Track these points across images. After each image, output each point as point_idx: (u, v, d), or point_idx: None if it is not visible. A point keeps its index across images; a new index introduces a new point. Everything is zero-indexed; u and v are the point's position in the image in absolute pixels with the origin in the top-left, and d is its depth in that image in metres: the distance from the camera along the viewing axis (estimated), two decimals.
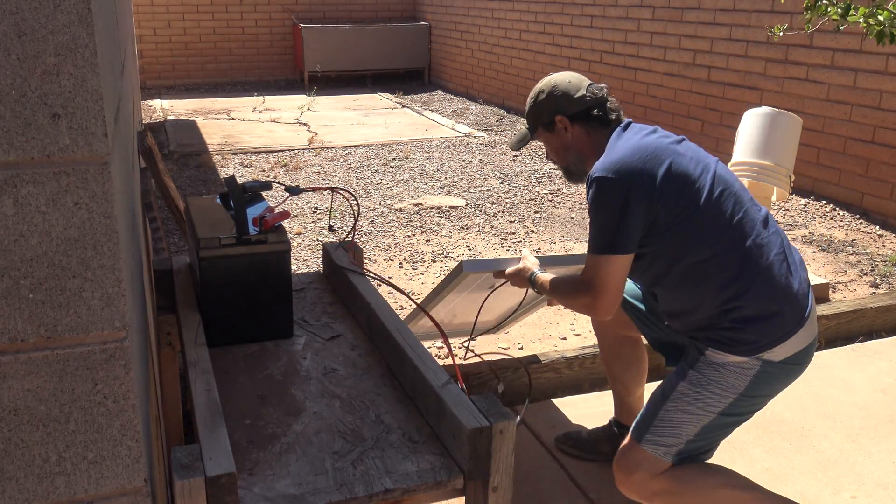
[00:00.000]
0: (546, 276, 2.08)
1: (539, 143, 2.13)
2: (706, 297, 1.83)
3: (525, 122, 2.12)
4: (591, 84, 2.01)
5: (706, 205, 1.81)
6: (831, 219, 4.85)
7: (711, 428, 1.84)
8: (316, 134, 7.39)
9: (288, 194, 1.92)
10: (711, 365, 1.81)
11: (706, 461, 1.90)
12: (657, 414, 1.85)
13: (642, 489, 1.87)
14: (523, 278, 2.16)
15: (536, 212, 5.04)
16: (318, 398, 1.53)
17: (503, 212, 5.01)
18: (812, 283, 3.68)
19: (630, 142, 1.86)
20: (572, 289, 1.94)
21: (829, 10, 2.43)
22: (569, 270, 2.27)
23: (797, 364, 1.85)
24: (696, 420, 1.83)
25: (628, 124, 1.96)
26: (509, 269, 2.20)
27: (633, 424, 1.91)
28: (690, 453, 1.86)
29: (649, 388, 2.40)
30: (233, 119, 8.23)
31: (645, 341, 2.30)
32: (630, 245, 1.81)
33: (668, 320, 1.99)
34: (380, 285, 2.75)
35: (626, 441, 1.92)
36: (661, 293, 1.94)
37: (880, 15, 2.34)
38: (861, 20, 2.37)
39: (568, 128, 2.00)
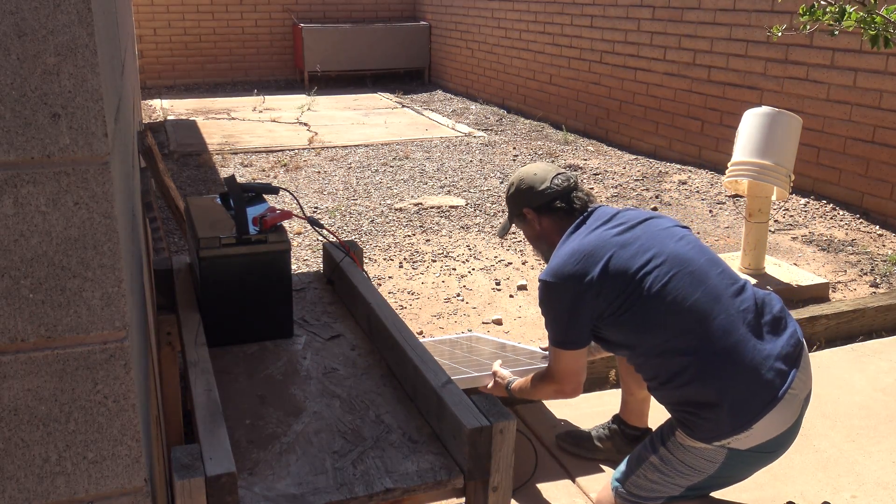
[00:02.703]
0: (517, 382, 2.23)
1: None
2: (666, 379, 1.85)
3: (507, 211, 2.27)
4: (557, 175, 2.11)
5: (651, 293, 1.83)
6: (831, 218, 4.85)
7: (681, 497, 1.89)
8: (316, 134, 7.39)
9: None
10: (680, 447, 1.85)
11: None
12: (633, 472, 1.93)
13: None
14: (501, 390, 2.29)
15: None
16: (318, 398, 1.53)
17: (503, 211, 5.01)
18: (812, 282, 3.68)
19: (572, 244, 1.96)
20: (539, 384, 2.11)
21: (824, 16, 2.43)
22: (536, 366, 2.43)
23: (770, 452, 1.82)
24: (665, 490, 1.88)
25: (591, 212, 2.06)
26: (489, 387, 2.33)
27: (616, 471, 2.00)
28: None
29: None
30: (233, 119, 8.23)
31: None
32: (581, 340, 1.97)
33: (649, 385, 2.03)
34: (380, 284, 2.75)
35: (608, 482, 2.03)
36: (633, 365, 2.01)
37: (874, 20, 2.34)
38: (854, 24, 2.37)
39: (534, 219, 2.12)
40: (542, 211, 2.10)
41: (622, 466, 1.98)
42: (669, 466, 1.86)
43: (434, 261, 4.14)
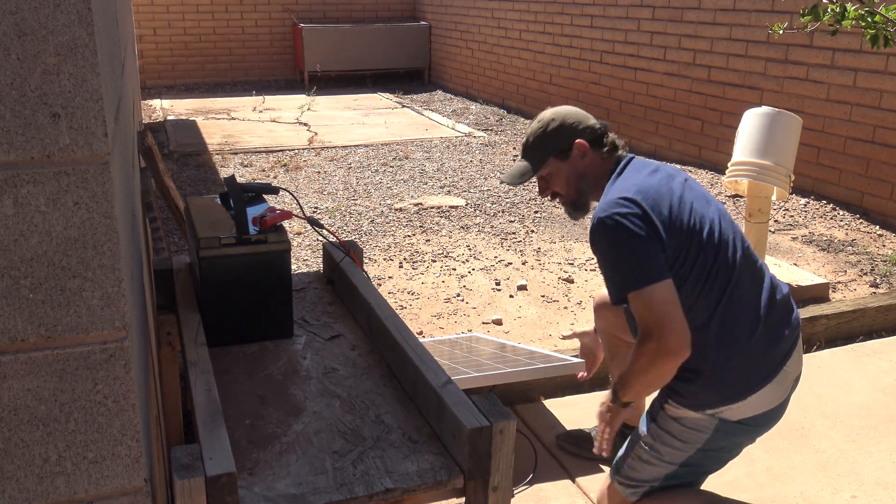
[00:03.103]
0: (613, 385, 1.90)
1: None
2: None
3: (522, 155, 2.06)
4: (597, 119, 2.04)
5: (700, 250, 1.79)
6: (831, 218, 4.85)
7: (675, 476, 1.87)
8: (316, 134, 7.39)
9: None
10: (669, 420, 1.84)
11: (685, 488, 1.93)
12: (628, 456, 1.92)
13: None
14: (615, 410, 1.92)
15: (536, 211, 5.04)
16: (318, 398, 1.53)
17: (503, 211, 5.01)
18: (812, 282, 3.68)
19: (635, 181, 1.84)
20: (638, 356, 1.75)
21: (825, 15, 2.44)
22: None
23: (758, 426, 1.82)
24: (659, 469, 1.87)
25: (630, 160, 1.96)
26: (605, 420, 1.95)
27: (614, 460, 1.97)
28: (658, 490, 1.91)
29: None
30: (233, 119, 8.23)
31: None
32: (664, 270, 1.72)
33: None
34: (380, 284, 2.75)
35: (608, 476, 2.00)
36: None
37: (874, 19, 2.35)
38: (854, 23, 2.38)
39: (587, 153, 1.97)
40: (595, 145, 1.97)
41: (619, 454, 1.97)
42: (660, 441, 1.84)
43: (434, 261, 4.14)
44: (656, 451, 1.86)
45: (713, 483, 2.37)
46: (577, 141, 1.97)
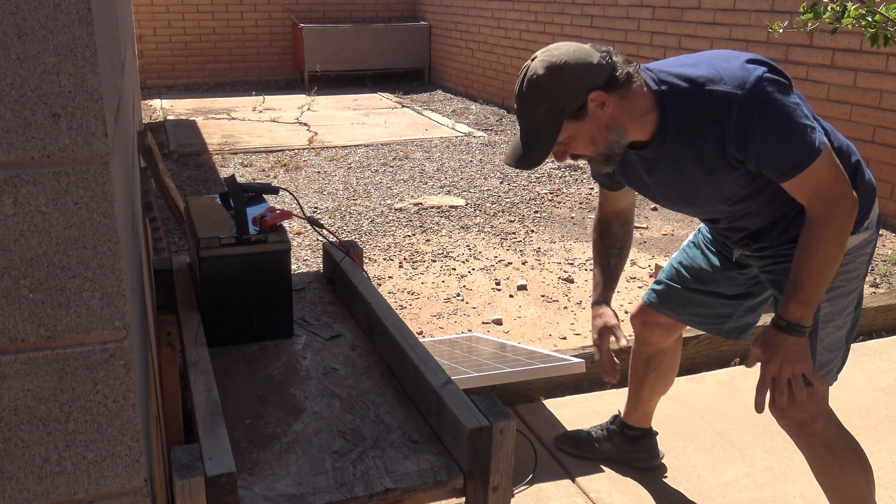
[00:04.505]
0: (787, 306, 1.65)
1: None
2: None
3: (523, 126, 1.67)
4: (592, 45, 1.65)
5: None
6: None
7: (852, 326, 1.83)
8: (316, 134, 7.39)
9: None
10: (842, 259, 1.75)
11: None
12: (815, 347, 1.77)
13: (822, 438, 1.85)
14: (786, 344, 1.66)
15: (536, 211, 5.04)
16: (318, 398, 1.53)
17: (503, 211, 5.01)
18: None
19: (723, 55, 1.65)
20: (832, 220, 1.59)
21: (825, 13, 2.44)
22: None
23: (876, 235, 1.83)
24: (848, 321, 1.81)
25: (648, 67, 1.69)
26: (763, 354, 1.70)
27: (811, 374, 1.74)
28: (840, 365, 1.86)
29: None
30: (233, 119, 8.23)
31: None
32: (821, 130, 1.60)
33: (766, 242, 1.82)
34: (380, 284, 2.75)
35: (787, 394, 1.72)
36: (762, 207, 1.75)
37: (874, 17, 2.35)
38: (853, 22, 2.38)
39: (606, 102, 1.61)
40: (611, 87, 1.60)
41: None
42: (834, 293, 1.75)
43: (434, 261, 4.14)
44: (835, 304, 1.77)
45: (712, 483, 2.37)
46: (591, 95, 1.60)
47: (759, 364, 1.73)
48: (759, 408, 1.71)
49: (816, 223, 1.61)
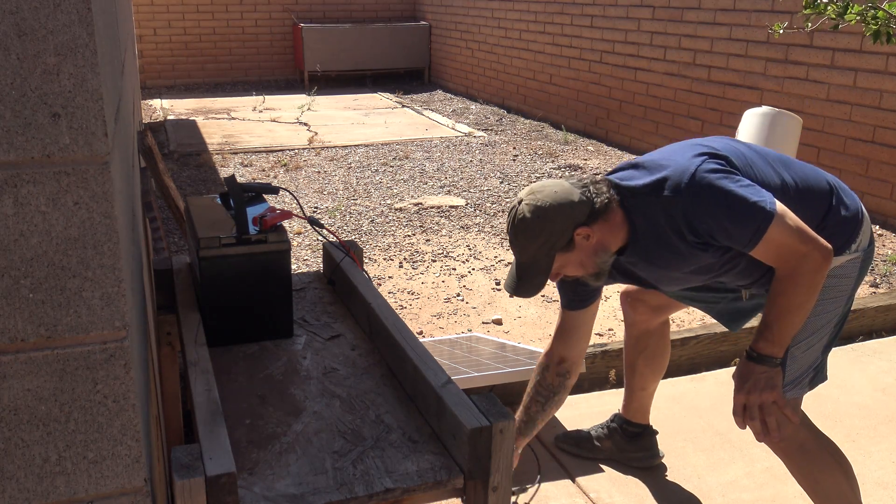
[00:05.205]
0: (761, 331, 1.76)
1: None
2: (822, 210, 1.84)
3: (519, 260, 1.84)
4: (572, 181, 1.83)
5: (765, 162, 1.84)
6: None
7: (831, 339, 1.89)
8: (316, 133, 7.39)
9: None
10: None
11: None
12: (785, 361, 1.82)
13: (793, 442, 1.89)
14: (757, 373, 1.76)
15: None
16: (318, 398, 1.53)
17: (503, 211, 5.01)
18: None
19: (672, 150, 1.84)
20: (795, 277, 1.69)
21: (827, 8, 2.44)
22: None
23: (869, 255, 1.89)
24: (823, 338, 1.86)
25: (618, 183, 1.84)
26: (738, 396, 1.79)
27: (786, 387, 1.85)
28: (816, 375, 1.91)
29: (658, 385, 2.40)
30: (233, 119, 8.23)
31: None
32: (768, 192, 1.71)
33: (751, 282, 1.92)
34: (380, 284, 2.75)
35: (758, 421, 1.82)
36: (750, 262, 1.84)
37: (876, 14, 2.35)
38: (857, 18, 2.38)
39: (591, 234, 1.79)
40: (593, 219, 1.78)
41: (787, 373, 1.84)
42: (819, 304, 1.81)
43: (434, 261, 4.14)
44: (817, 320, 1.83)
45: (712, 483, 2.37)
46: (577, 231, 1.78)
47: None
48: (740, 426, 1.83)
49: (785, 279, 1.71)
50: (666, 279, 1.95)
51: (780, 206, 1.69)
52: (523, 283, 1.83)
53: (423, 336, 3.28)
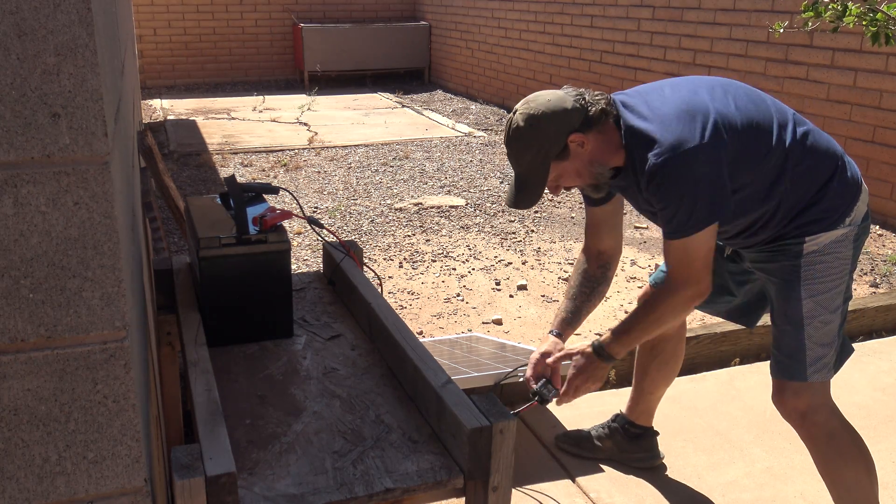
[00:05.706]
0: (607, 337, 1.90)
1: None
2: (816, 181, 1.84)
3: (517, 171, 1.86)
4: (566, 90, 1.84)
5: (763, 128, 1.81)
6: None
7: (843, 318, 1.89)
8: (316, 133, 7.39)
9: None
10: (816, 258, 1.83)
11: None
12: (803, 343, 1.84)
13: (823, 428, 1.88)
14: (590, 363, 1.95)
15: (536, 211, 5.04)
16: (318, 398, 1.53)
17: (503, 211, 5.01)
18: None
19: (663, 112, 1.77)
20: (666, 299, 1.82)
21: (826, 12, 2.44)
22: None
23: (865, 230, 1.89)
24: (836, 317, 1.86)
25: (618, 102, 1.85)
26: (571, 374, 1.96)
27: (781, 371, 1.88)
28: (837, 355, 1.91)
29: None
30: (233, 119, 8.23)
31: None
32: (730, 205, 1.75)
33: (751, 239, 1.93)
34: (380, 284, 2.75)
35: (784, 391, 1.88)
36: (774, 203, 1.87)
37: (875, 16, 2.35)
38: (855, 20, 2.38)
39: (585, 141, 1.79)
40: (587, 127, 1.78)
41: (784, 359, 1.87)
42: (823, 288, 1.83)
43: (434, 261, 4.14)
44: (826, 299, 1.83)
45: (712, 483, 2.37)
46: (571, 137, 1.78)
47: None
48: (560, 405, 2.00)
49: (665, 292, 1.83)
50: (644, 212, 1.99)
51: (714, 229, 1.75)
52: (521, 195, 1.84)
53: (423, 336, 3.28)
